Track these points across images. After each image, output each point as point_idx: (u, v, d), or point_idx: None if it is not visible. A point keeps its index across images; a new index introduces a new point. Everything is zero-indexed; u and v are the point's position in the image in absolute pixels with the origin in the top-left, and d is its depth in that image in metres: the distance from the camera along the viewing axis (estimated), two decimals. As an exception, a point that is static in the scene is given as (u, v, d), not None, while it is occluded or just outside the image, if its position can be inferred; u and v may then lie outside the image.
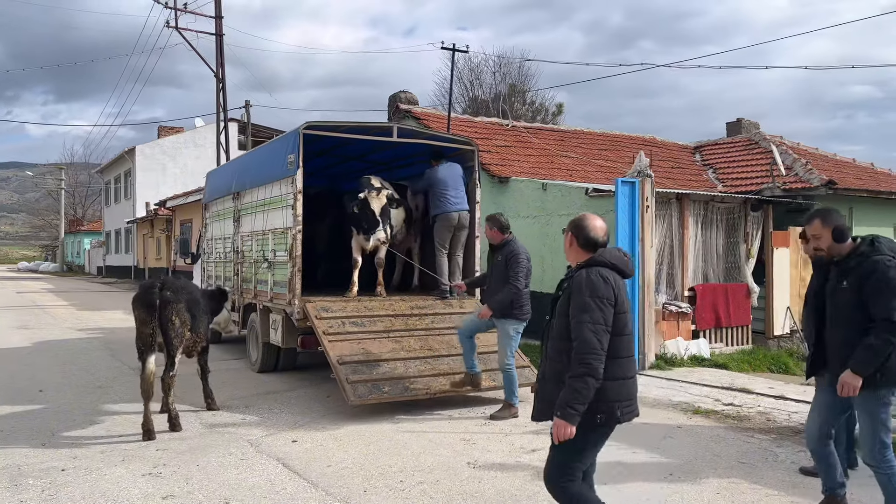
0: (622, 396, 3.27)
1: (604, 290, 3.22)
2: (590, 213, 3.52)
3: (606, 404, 3.22)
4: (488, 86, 31.45)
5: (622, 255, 3.42)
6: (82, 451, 5.90)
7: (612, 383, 3.22)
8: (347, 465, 5.48)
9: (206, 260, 12.01)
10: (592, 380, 3.14)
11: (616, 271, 3.32)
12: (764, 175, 14.32)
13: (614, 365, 3.22)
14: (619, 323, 3.25)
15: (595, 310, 3.18)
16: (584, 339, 3.16)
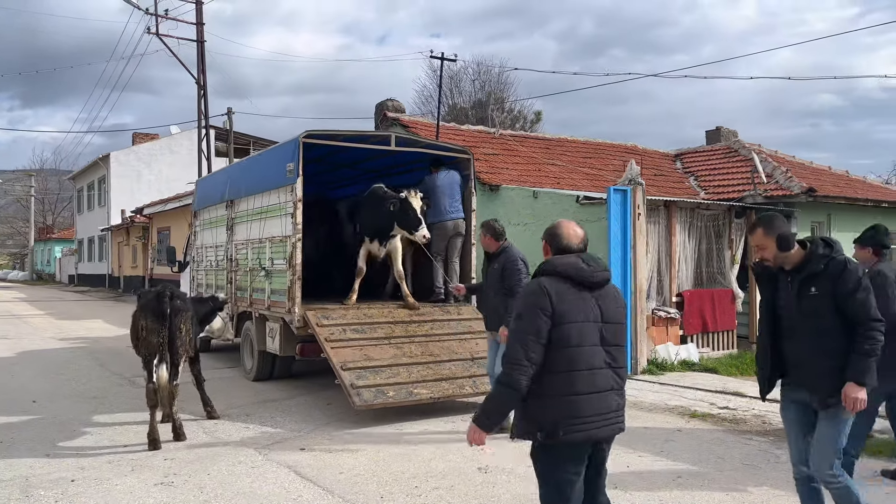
0: (564, 414, 2.98)
1: (536, 299, 3.04)
2: (567, 220, 3.40)
3: (546, 421, 3.00)
4: (468, 93, 31.68)
5: (579, 263, 3.15)
6: (89, 462, 5.87)
7: (550, 400, 3.01)
8: (359, 471, 5.52)
9: (195, 268, 11.94)
10: (510, 391, 2.99)
11: (566, 279, 3.09)
12: (745, 182, 14.62)
13: (553, 379, 3.00)
14: (559, 335, 3.00)
15: (524, 319, 3.03)
16: (509, 349, 3.05)
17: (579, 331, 3.04)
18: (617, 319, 3.19)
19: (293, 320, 7.92)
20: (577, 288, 3.11)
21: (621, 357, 3.18)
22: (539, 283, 3.12)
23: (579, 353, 3.03)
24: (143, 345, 6.48)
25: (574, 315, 3.05)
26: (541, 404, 3.01)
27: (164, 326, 6.32)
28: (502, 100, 31.47)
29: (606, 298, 3.17)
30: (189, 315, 6.65)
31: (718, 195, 14.50)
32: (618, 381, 3.15)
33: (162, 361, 6.35)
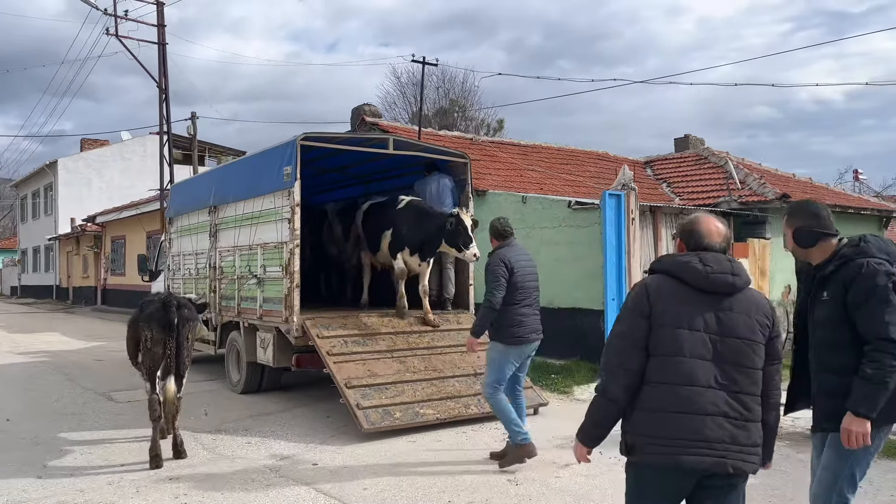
0: (647, 430, 2.63)
1: (635, 299, 2.73)
2: (705, 214, 2.91)
3: (633, 435, 2.68)
4: (432, 100, 31.53)
5: (693, 261, 2.70)
6: (87, 483, 5.49)
7: (639, 413, 2.66)
8: (384, 486, 5.28)
9: (171, 277, 11.47)
10: (604, 401, 2.73)
11: (675, 278, 2.70)
12: (719, 189, 14.83)
13: (647, 391, 2.65)
14: (659, 340, 2.63)
15: (622, 321, 2.76)
16: (605, 353, 2.79)
17: (677, 338, 2.61)
18: (745, 335, 2.65)
19: (291, 330, 7.62)
20: (691, 291, 2.67)
21: (746, 380, 2.64)
22: (642, 281, 2.81)
23: (676, 364, 2.60)
24: (147, 356, 6.12)
25: (675, 319, 2.63)
26: (632, 417, 2.70)
27: (172, 337, 5.99)
28: (465, 107, 31.45)
29: (734, 309, 2.66)
30: (195, 324, 6.39)
31: (693, 201, 14.66)
32: (736, 407, 2.61)
33: (169, 373, 6.01)
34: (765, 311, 2.71)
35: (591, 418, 2.81)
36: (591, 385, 9.20)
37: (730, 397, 2.61)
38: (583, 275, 9.99)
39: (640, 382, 2.66)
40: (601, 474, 5.51)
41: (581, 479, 5.40)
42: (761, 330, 2.68)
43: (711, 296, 2.66)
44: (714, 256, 2.72)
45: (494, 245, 5.98)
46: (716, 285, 2.67)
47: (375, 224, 8.88)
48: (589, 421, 2.82)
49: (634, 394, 2.67)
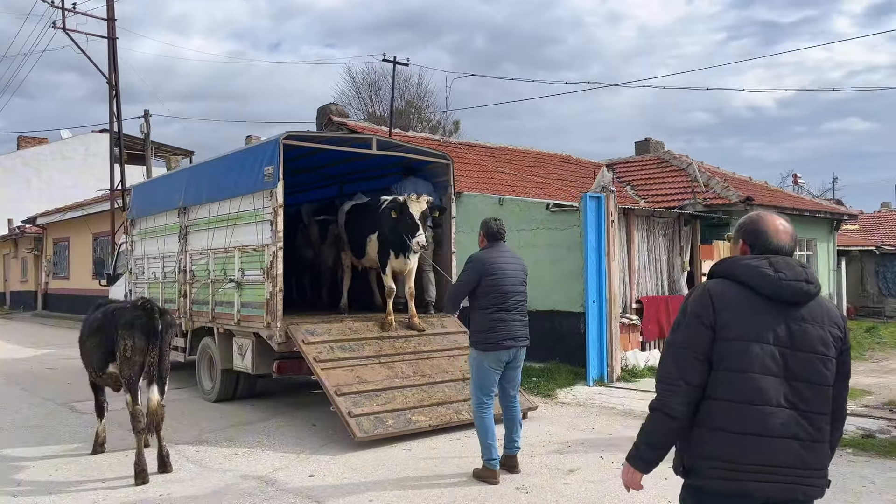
0: (710, 452, 2.38)
1: (697, 305, 2.44)
2: (769, 213, 2.62)
3: (692, 457, 2.44)
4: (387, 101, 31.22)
5: (764, 266, 2.42)
6: (69, 502, 5.14)
7: (701, 431, 2.41)
8: (389, 499, 5.09)
9: (133, 281, 10.99)
10: (661, 416, 2.44)
11: (744, 285, 2.42)
12: (682, 191, 15.05)
13: (710, 408, 2.40)
14: (724, 352, 2.38)
15: (681, 330, 2.48)
16: (661, 364, 2.53)
17: (745, 351, 2.35)
18: (817, 349, 2.38)
19: (273, 336, 7.35)
20: (760, 299, 2.39)
21: (817, 398, 2.38)
22: (705, 286, 2.49)
23: (743, 381, 2.34)
24: (126, 365, 5.77)
25: (742, 330, 2.36)
26: (692, 435, 2.43)
27: (156, 344, 5.70)
28: (421, 108, 31.31)
29: (806, 319, 2.40)
30: (175, 330, 6.24)
31: (658, 204, 14.84)
32: (806, 428, 2.36)
33: (152, 382, 5.72)
34: (837, 321, 2.45)
35: (648, 439, 2.49)
36: (573, 388, 9.18)
37: (800, 417, 2.35)
38: (561, 277, 9.97)
39: (702, 397, 2.41)
40: (609, 480, 5.44)
41: (590, 486, 5.32)
42: (834, 342, 2.42)
43: (782, 305, 2.39)
44: (786, 262, 2.43)
45: (482, 245, 5.80)
46: (789, 294, 2.38)
47: (359, 227, 8.64)
48: (644, 442, 2.49)
49: (695, 408, 2.42)
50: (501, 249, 5.70)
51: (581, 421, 7.52)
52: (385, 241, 8.12)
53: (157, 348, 5.71)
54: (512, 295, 5.54)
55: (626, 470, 2.55)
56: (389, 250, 8.06)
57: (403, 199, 7.48)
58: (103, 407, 6.53)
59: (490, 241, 5.73)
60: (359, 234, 8.60)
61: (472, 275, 5.55)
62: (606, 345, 9.56)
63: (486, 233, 5.75)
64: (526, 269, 5.77)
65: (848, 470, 5.60)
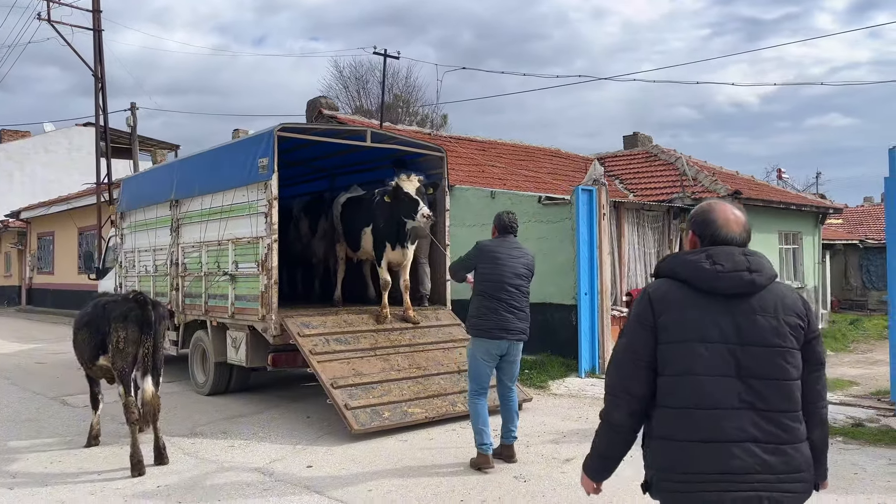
0: (664, 463, 2.22)
1: (637, 308, 2.32)
2: (719, 202, 2.44)
3: (649, 469, 2.30)
4: (375, 95, 31.20)
5: (700, 260, 2.24)
6: (67, 494, 5.13)
7: (654, 442, 2.27)
8: (389, 488, 5.12)
9: (123, 275, 10.92)
10: (606, 427, 2.36)
11: (682, 282, 2.26)
12: (671, 185, 15.15)
13: (661, 416, 2.25)
14: (667, 356, 2.23)
15: (624, 336, 2.36)
16: (607, 373, 2.40)
17: (688, 353, 2.19)
18: (772, 342, 2.18)
19: (268, 328, 7.35)
20: (700, 295, 2.22)
21: (778, 396, 2.17)
22: (646, 288, 2.35)
23: (688, 384, 2.18)
24: (119, 357, 5.78)
25: (683, 331, 2.20)
26: (648, 446, 2.30)
27: (150, 336, 5.74)
28: (409, 103, 31.28)
29: (756, 311, 2.21)
30: (167, 322, 6.31)
31: (646, 198, 14.92)
32: (766, 429, 2.15)
33: (147, 373, 5.75)
34: (796, 309, 2.24)
35: (596, 449, 2.40)
36: (565, 379, 9.24)
37: (759, 418, 2.15)
38: (553, 270, 10.02)
39: (650, 406, 2.27)
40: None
41: (587, 474, 5.36)
42: (793, 333, 2.21)
43: (727, 299, 2.21)
44: (726, 252, 2.25)
45: (493, 236, 5.88)
46: (728, 286, 2.20)
47: (354, 220, 8.65)
48: (594, 452, 2.41)
49: (643, 418, 2.30)
50: (509, 241, 5.75)
51: (575, 412, 7.58)
52: (379, 233, 8.13)
53: (150, 340, 5.73)
54: (507, 287, 5.55)
55: (582, 478, 2.49)
56: (385, 242, 8.06)
57: (395, 182, 7.49)
58: (98, 399, 6.51)
59: (500, 233, 5.82)
60: (354, 226, 8.61)
61: (470, 258, 5.73)
62: (598, 337, 9.63)
63: (497, 224, 5.86)
64: (531, 264, 5.76)
65: (839, 457, 5.68)
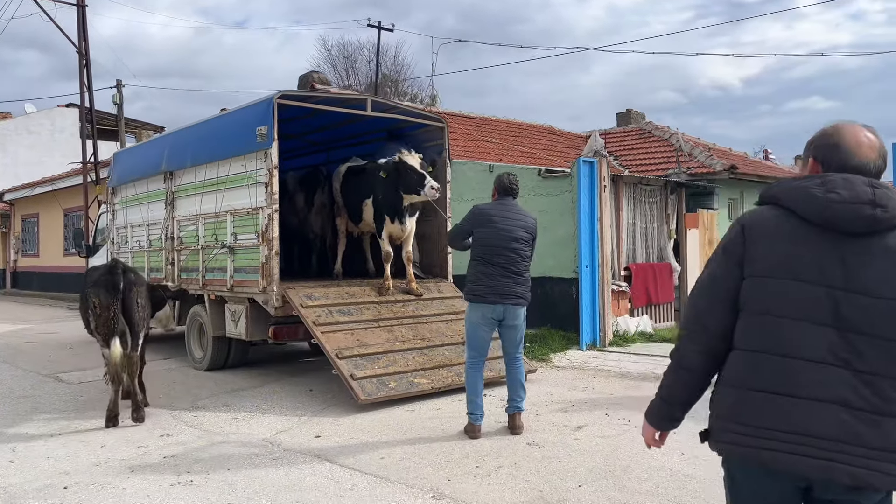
0: (728, 413, 1.94)
1: (726, 237, 2.01)
2: (849, 123, 2.01)
3: (714, 417, 2.01)
4: (364, 74, 30.90)
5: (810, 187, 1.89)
6: (70, 465, 5.00)
7: (724, 388, 1.98)
8: (402, 455, 5.03)
9: (115, 251, 10.72)
10: (675, 366, 2.09)
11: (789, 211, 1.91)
12: (666, 161, 15.10)
13: (735, 359, 1.96)
14: (752, 292, 1.92)
15: (708, 266, 2.06)
16: (685, 308, 2.15)
17: (777, 290, 1.87)
18: (883, 292, 1.82)
19: (270, 300, 7.21)
20: (807, 227, 1.87)
21: (882, 358, 1.82)
22: (741, 216, 2.04)
23: (770, 326, 1.87)
24: (98, 322, 6.10)
25: (776, 264, 1.88)
26: (716, 392, 2.02)
27: (117, 300, 6.02)
28: (398, 82, 30.98)
29: (874, 254, 1.84)
30: (144, 289, 6.42)
31: (643, 173, 14.86)
32: (863, 394, 1.81)
33: (114, 334, 5.96)
34: None
35: (662, 391, 2.14)
36: (567, 353, 9.19)
37: (855, 380, 1.81)
38: (553, 243, 9.93)
39: (728, 346, 1.98)
40: (618, 435, 5.45)
41: (600, 441, 5.31)
42: None
43: (840, 235, 1.84)
44: (847, 179, 1.86)
45: (493, 198, 5.74)
46: (843, 219, 1.82)
47: (355, 192, 8.51)
48: (659, 395, 2.14)
49: (719, 361, 2.01)
50: (506, 204, 5.58)
51: (580, 382, 7.52)
52: (379, 205, 8.01)
53: (117, 304, 6.00)
54: (502, 250, 5.39)
55: (643, 426, 2.23)
56: (384, 215, 7.94)
57: (396, 157, 7.37)
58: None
59: (500, 195, 5.66)
60: (355, 198, 8.49)
61: (464, 223, 5.62)
62: (599, 310, 9.58)
63: (497, 186, 5.70)
64: (532, 228, 5.57)
65: None
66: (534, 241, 5.62)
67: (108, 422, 6.01)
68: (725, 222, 14.47)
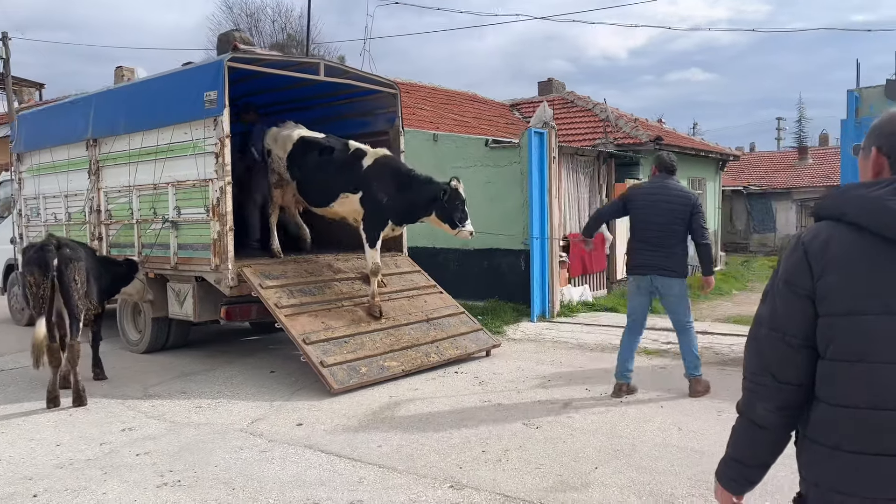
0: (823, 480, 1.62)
1: (787, 264, 1.65)
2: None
3: (808, 482, 1.67)
4: (268, 34, 29.53)
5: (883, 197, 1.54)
6: (29, 470, 4.50)
7: (811, 446, 1.64)
8: (400, 443, 4.83)
9: (23, 224, 9.75)
10: (747, 425, 1.75)
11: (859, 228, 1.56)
12: (592, 131, 15.29)
13: (822, 414, 1.62)
14: (832, 333, 1.57)
15: (768, 300, 1.70)
16: (746, 352, 1.78)
17: (865, 330, 1.53)
18: None
19: (224, 279, 6.74)
20: (887, 246, 1.53)
21: None
22: (799, 236, 1.66)
23: (863, 374, 1.54)
24: (34, 301, 5.79)
25: (857, 298, 1.54)
26: (805, 452, 1.68)
27: (48, 278, 5.76)
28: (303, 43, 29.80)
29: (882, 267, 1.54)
30: (81, 265, 6.00)
31: (571, 143, 14.99)
32: None
33: (42, 314, 5.72)
34: None
35: (734, 453, 1.81)
36: (519, 325, 9.18)
37: None
38: (501, 215, 9.84)
39: (808, 396, 1.66)
40: (607, 411, 5.46)
41: (595, 418, 5.30)
42: None
43: None
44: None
45: (653, 176, 6.02)
46: None
47: (321, 172, 7.45)
48: (731, 456, 1.81)
49: (798, 413, 1.69)
50: (664, 183, 5.83)
51: (545, 355, 7.52)
52: (379, 208, 7.14)
53: (47, 282, 5.74)
54: (650, 226, 5.70)
55: (717, 489, 1.88)
56: (388, 220, 7.18)
57: (455, 186, 6.80)
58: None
59: (661, 172, 5.92)
60: (319, 179, 7.50)
61: (613, 204, 6.27)
62: (548, 281, 9.61)
63: (658, 164, 5.97)
64: (688, 204, 5.71)
65: None
66: (692, 215, 5.72)
67: (48, 403, 5.84)
68: (649, 192, 14.88)
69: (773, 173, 29.94)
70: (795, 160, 30.88)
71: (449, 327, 7.38)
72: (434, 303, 7.68)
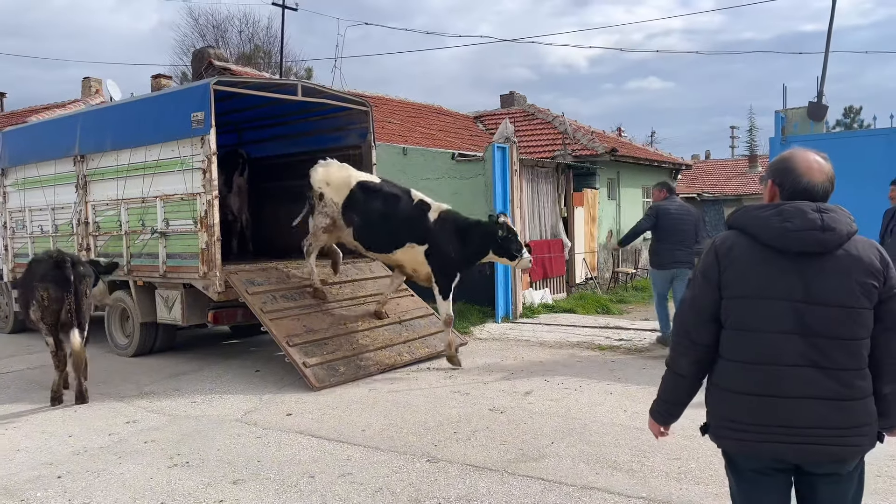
0: (722, 413, 2.31)
1: (704, 261, 2.35)
2: (803, 149, 2.37)
3: (708, 416, 2.39)
4: (234, 45, 29.87)
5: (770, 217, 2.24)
6: (50, 457, 5.02)
7: (714, 391, 2.34)
8: (381, 427, 5.45)
9: (9, 236, 10.13)
10: (670, 374, 2.47)
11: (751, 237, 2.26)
12: (551, 143, 16.10)
13: (723, 368, 2.32)
14: (731, 311, 2.27)
15: (691, 286, 2.42)
16: (674, 320, 2.51)
17: (752, 309, 2.23)
18: (840, 301, 2.18)
19: (212, 286, 7.29)
20: (769, 251, 2.23)
21: (843, 354, 2.19)
22: (713, 241, 2.37)
23: (752, 339, 2.24)
24: (47, 314, 6.31)
25: (748, 287, 2.24)
26: (709, 395, 2.38)
27: (69, 293, 6.23)
28: (271, 54, 30.24)
29: (827, 270, 2.20)
30: (91, 280, 6.65)
31: (531, 155, 15.77)
32: (830, 387, 2.18)
33: (72, 328, 6.23)
34: (871, 268, 2.21)
35: (662, 395, 2.52)
36: (484, 325, 9.88)
37: (822, 376, 2.18)
38: (466, 223, 10.50)
39: (714, 354, 2.35)
40: (563, 398, 6.15)
41: (551, 403, 5.99)
42: (864, 293, 2.19)
43: (796, 256, 2.20)
44: (798, 209, 2.21)
45: (663, 196, 8.12)
46: (797, 245, 2.19)
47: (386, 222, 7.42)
48: (660, 397, 2.53)
49: (707, 367, 2.38)
50: (674, 200, 8.12)
51: (508, 353, 8.20)
52: (450, 261, 7.34)
53: (72, 296, 6.24)
54: (677, 233, 7.78)
55: (649, 422, 2.60)
56: (457, 272, 7.42)
57: (504, 220, 7.26)
58: None
59: (669, 194, 8.13)
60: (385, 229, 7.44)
61: (649, 219, 7.94)
62: (511, 285, 10.31)
63: (666, 188, 8.26)
64: (696, 216, 8.07)
65: None
66: (698, 220, 8.06)
67: (53, 401, 6.37)
68: (605, 200, 15.72)
69: (725, 181, 31.24)
70: (746, 168, 32.26)
71: (420, 328, 8.03)
72: (406, 305, 8.32)
